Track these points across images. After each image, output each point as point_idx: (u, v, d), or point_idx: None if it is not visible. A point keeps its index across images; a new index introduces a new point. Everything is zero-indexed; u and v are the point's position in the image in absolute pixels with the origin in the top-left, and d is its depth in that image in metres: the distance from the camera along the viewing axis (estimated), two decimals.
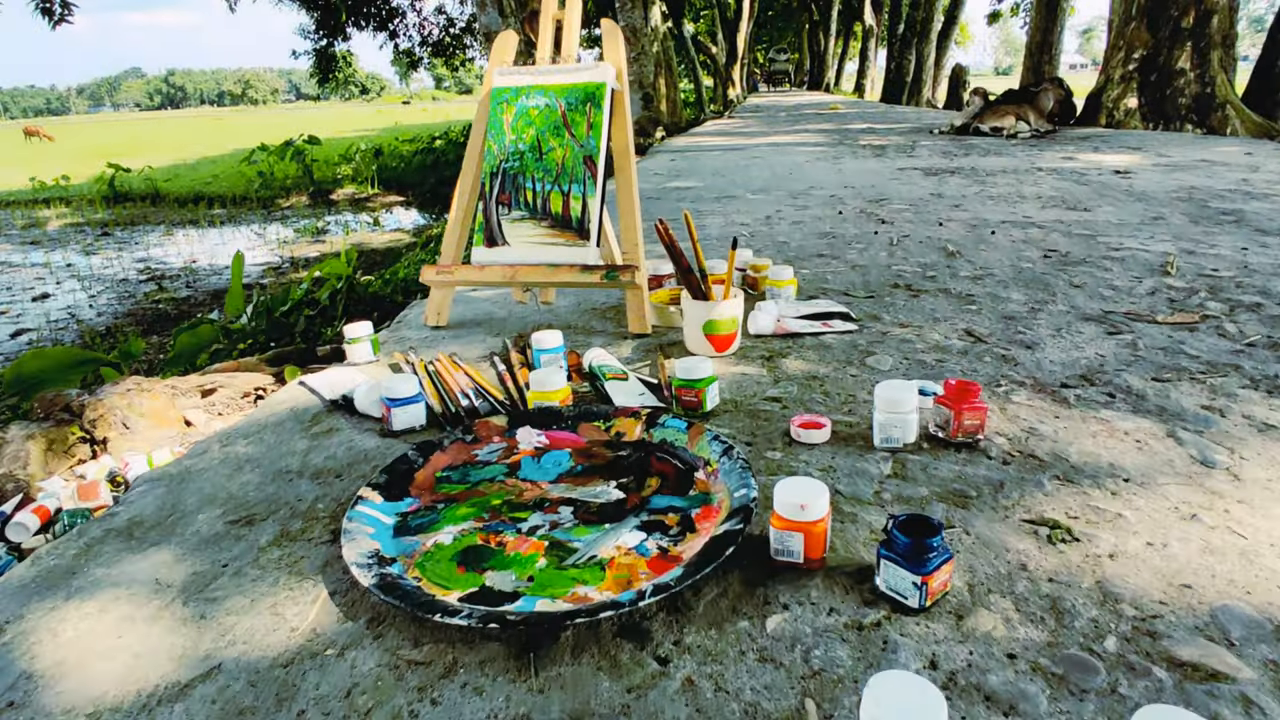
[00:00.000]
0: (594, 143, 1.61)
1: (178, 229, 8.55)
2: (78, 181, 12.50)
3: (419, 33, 20.25)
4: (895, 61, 20.33)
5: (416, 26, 20.17)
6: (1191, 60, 6.79)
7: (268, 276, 5.65)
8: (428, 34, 19.83)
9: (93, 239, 7.93)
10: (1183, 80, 6.81)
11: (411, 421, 1.18)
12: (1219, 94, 6.73)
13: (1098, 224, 2.60)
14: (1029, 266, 2.06)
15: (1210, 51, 6.74)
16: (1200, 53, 6.76)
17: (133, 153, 18.09)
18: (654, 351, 1.50)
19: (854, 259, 2.23)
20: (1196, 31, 6.74)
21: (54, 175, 12.57)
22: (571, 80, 1.66)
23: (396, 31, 19.92)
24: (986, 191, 3.39)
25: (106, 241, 7.76)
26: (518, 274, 1.63)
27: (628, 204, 1.63)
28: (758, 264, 1.85)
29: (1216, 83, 6.74)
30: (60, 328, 4.59)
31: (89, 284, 5.77)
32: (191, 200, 11.03)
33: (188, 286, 5.67)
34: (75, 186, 12.25)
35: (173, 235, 8.11)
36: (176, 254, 6.94)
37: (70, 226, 9.01)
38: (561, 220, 1.63)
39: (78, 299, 5.33)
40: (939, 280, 1.96)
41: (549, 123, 1.66)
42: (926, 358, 1.41)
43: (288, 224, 8.65)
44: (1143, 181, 3.52)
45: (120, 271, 6.24)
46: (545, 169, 1.65)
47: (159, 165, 14.57)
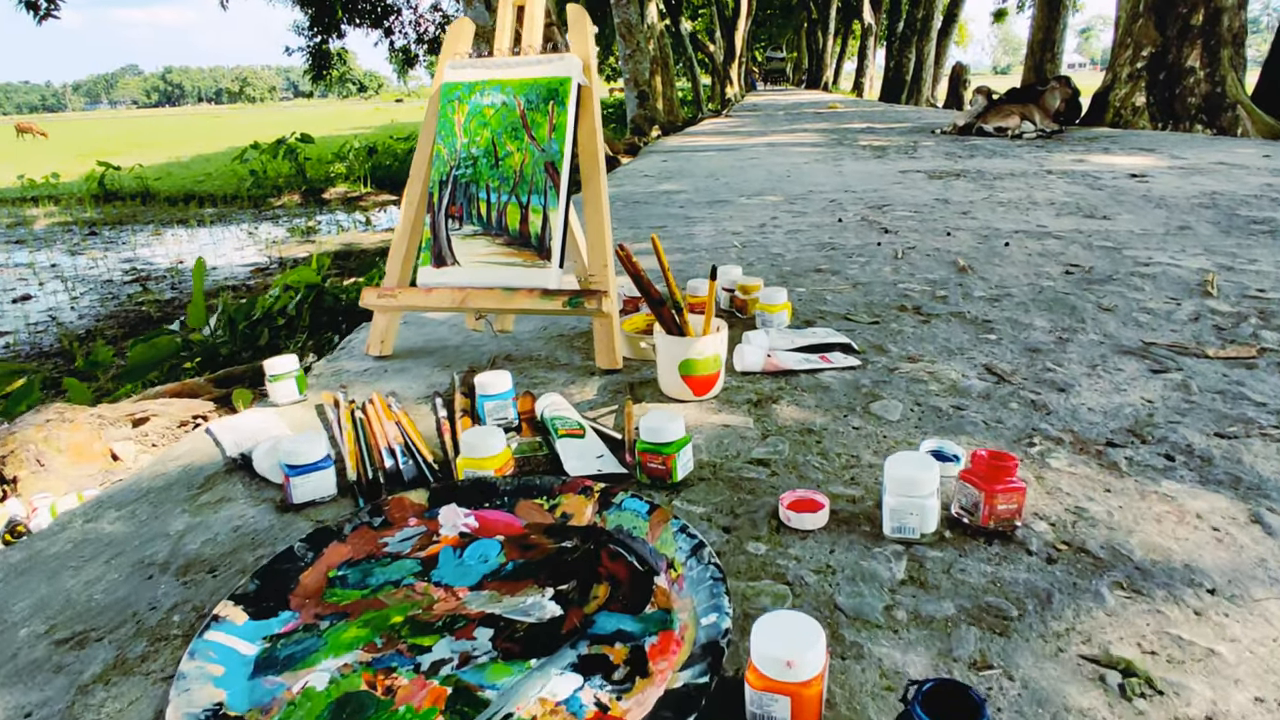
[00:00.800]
0: (557, 147, 1.39)
1: (167, 229, 8.41)
2: (68, 179, 12.29)
3: (414, 29, 20.04)
4: (895, 60, 20.12)
5: (412, 23, 19.95)
6: (1201, 59, 6.58)
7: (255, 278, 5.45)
8: (423, 31, 19.62)
9: (79, 238, 7.75)
10: (1192, 79, 6.60)
11: (316, 493, 0.96)
12: (1229, 93, 6.52)
13: (1119, 234, 2.39)
14: (1050, 285, 1.85)
15: (1220, 50, 6.53)
16: (1210, 51, 6.55)
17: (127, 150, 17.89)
18: (623, 393, 1.28)
19: (855, 274, 2.01)
20: (1206, 29, 6.53)
21: (44, 173, 12.35)
22: (532, 74, 1.44)
23: (391, 28, 19.70)
24: (995, 197, 3.18)
25: (93, 241, 7.59)
26: (468, 298, 1.41)
27: (596, 219, 1.41)
28: (747, 284, 1.63)
29: (1227, 82, 6.53)
30: (39, 330, 4.41)
31: (72, 285, 5.59)
32: (182, 199, 10.87)
33: (173, 288, 5.50)
34: (65, 184, 12.05)
35: (161, 235, 7.96)
36: (164, 254, 6.79)
37: (58, 226, 8.81)
38: (519, 237, 1.41)
39: (59, 300, 5.15)
40: (951, 301, 1.74)
41: (506, 123, 1.44)
42: (942, 402, 1.19)
43: (279, 223, 8.46)
44: (1161, 186, 3.31)
45: (105, 272, 6.08)
46: (501, 177, 1.43)
47: (154, 163, 14.40)
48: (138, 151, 18.01)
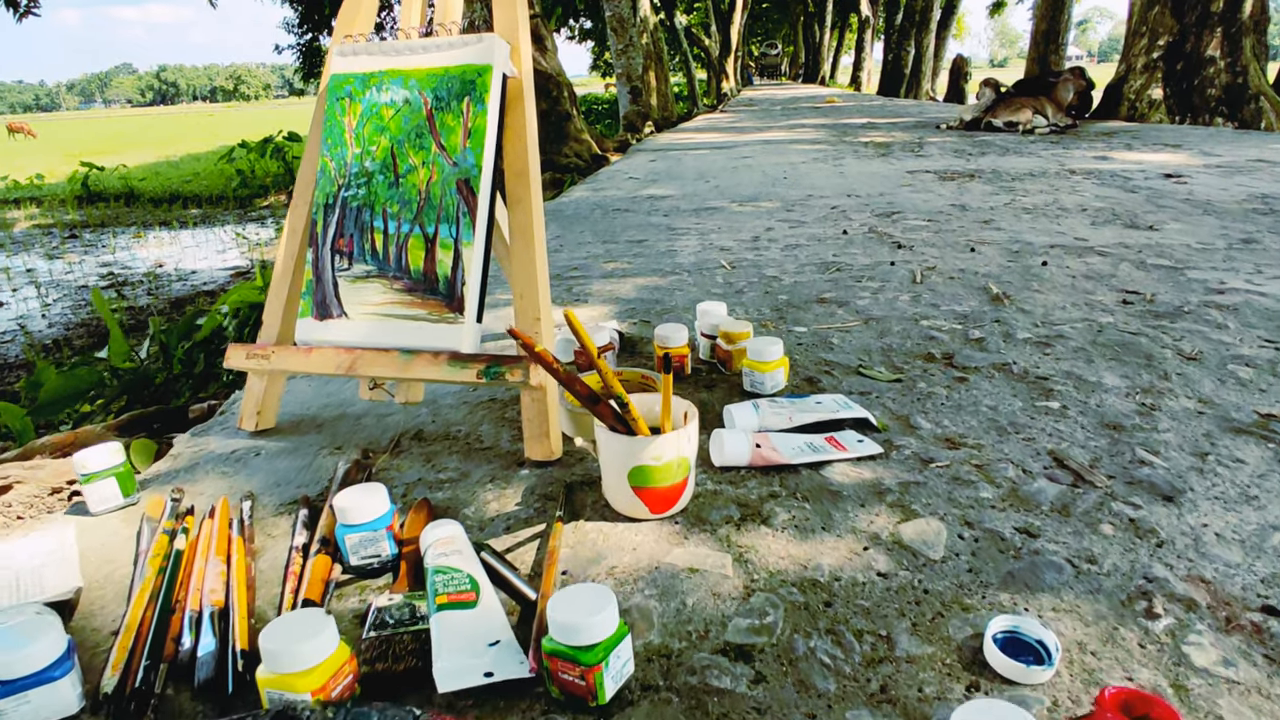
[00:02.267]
0: (474, 159, 1.04)
1: (149, 230, 8.19)
2: (53, 180, 11.98)
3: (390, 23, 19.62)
4: (893, 53, 19.73)
5: None
6: (1221, 48, 6.22)
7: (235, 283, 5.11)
8: None
9: (59, 242, 7.48)
10: (1212, 70, 6.24)
11: (43, 714, 0.61)
12: (1252, 84, 6.16)
13: (1173, 249, 2.03)
14: (1109, 321, 1.49)
15: (1242, 38, 6.17)
16: (1231, 39, 6.19)
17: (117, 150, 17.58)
18: (557, 501, 0.93)
19: (867, 305, 1.65)
20: (1227, 16, 6.16)
21: (29, 174, 12.02)
22: (442, 62, 1.08)
23: (383, 24, 19.32)
24: (1018, 202, 2.82)
25: (73, 244, 7.33)
26: (358, 363, 1.06)
27: (526, 258, 1.05)
28: (733, 330, 1.28)
29: (1249, 72, 6.17)
30: (5, 340, 4.12)
31: (46, 291, 5.29)
32: (167, 200, 10.61)
33: (149, 294, 5.24)
34: (49, 186, 11.75)
35: (143, 237, 7.74)
36: (144, 258, 6.52)
37: (38, 228, 8.50)
38: (424, 281, 1.05)
39: (31, 308, 4.86)
40: (990, 345, 1.39)
41: (409, 128, 1.09)
42: (1001, 522, 0.84)
43: (266, 224, 8.14)
44: (1202, 188, 2.95)
45: (82, 277, 5.83)
46: (403, 199, 1.08)
47: (143, 163, 14.13)
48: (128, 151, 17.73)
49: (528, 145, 1.06)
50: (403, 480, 1.01)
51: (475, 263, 1.03)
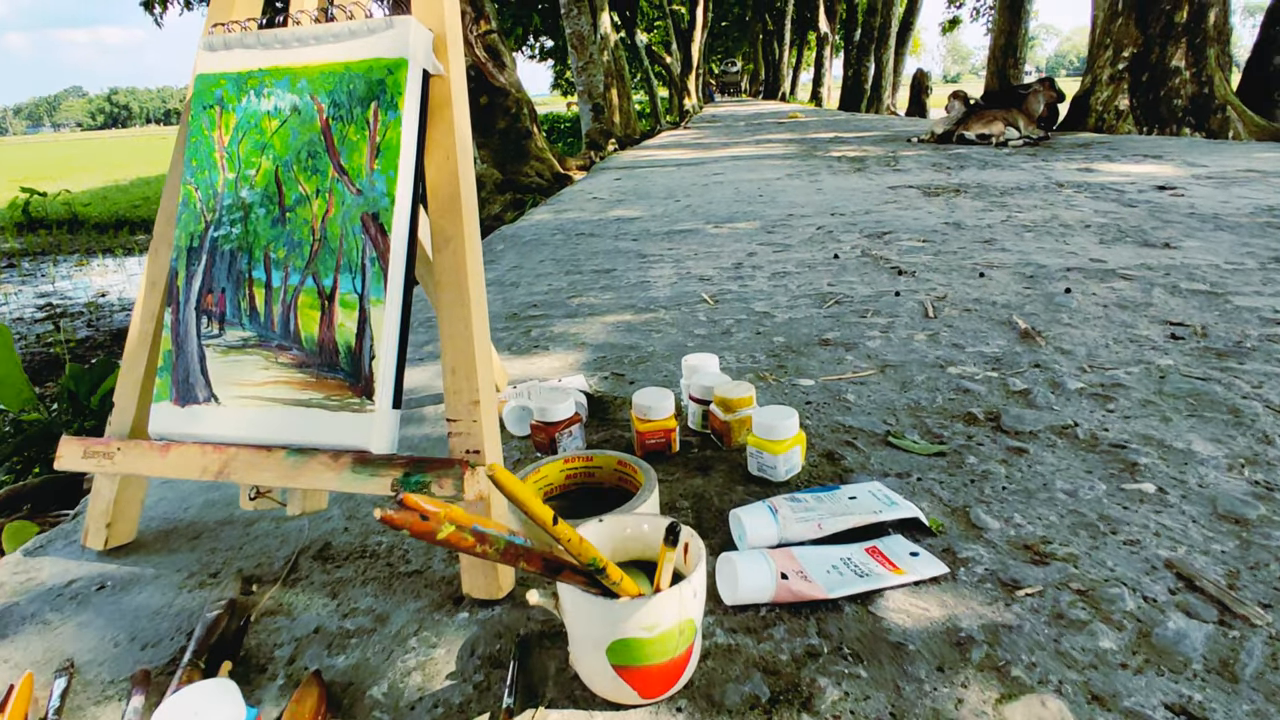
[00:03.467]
0: (384, 185, 0.76)
1: (93, 258, 7.81)
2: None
3: None
4: (853, 69, 19.89)
5: None
6: (1186, 58, 6.20)
7: None
8: None
9: None
10: (1178, 80, 6.21)
11: None
12: (1218, 94, 6.14)
13: (1202, 270, 1.83)
14: (1168, 364, 1.26)
15: (1206, 48, 6.15)
16: (1196, 50, 6.17)
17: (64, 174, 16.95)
18: (507, 672, 0.65)
19: (878, 348, 1.41)
20: (1191, 27, 6.15)
21: None
22: (342, 56, 0.81)
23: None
24: (1015, 218, 2.62)
25: (9, 274, 6.93)
26: (232, 465, 0.77)
27: (457, 315, 0.78)
28: (731, 397, 1.01)
29: (1215, 82, 6.15)
30: None
31: None
32: (113, 225, 10.18)
33: (89, 325, 4.91)
34: None
35: (86, 265, 7.38)
36: (85, 287, 6.17)
37: None
38: (321, 353, 0.77)
39: None
40: (1038, 399, 1.14)
41: (298, 144, 0.81)
42: (1145, 697, 0.58)
43: None
44: (1202, 200, 2.79)
45: (17, 309, 5.45)
46: (291, 241, 0.80)
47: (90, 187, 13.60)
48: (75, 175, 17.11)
49: (458, 166, 0.79)
50: (293, 633, 0.72)
51: (389, 327, 0.75)
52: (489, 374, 0.78)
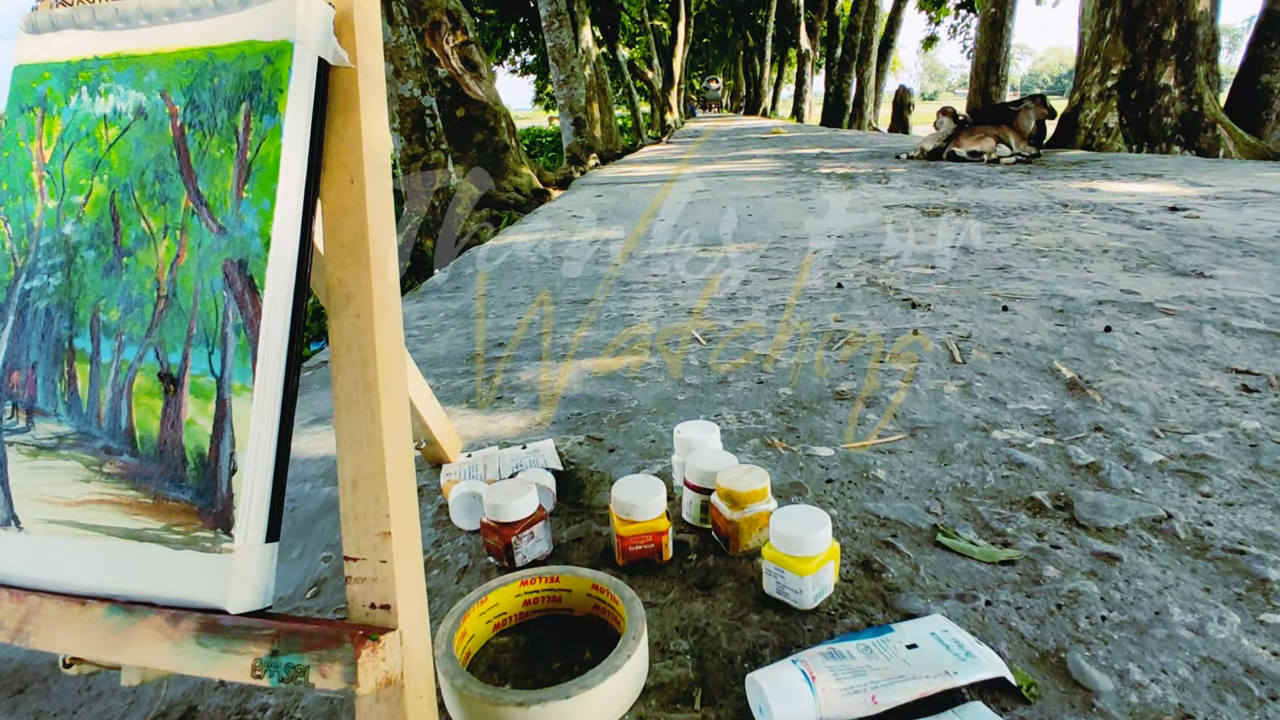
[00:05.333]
0: (256, 221, 0.53)
1: None
2: None
3: None
4: (835, 85, 19.93)
5: None
6: (1175, 76, 6.11)
7: None
8: None
9: None
10: (1167, 98, 6.13)
11: None
12: (1208, 112, 6.06)
13: (1249, 304, 1.64)
14: (1254, 426, 1.06)
15: (1196, 66, 6.07)
16: (1185, 67, 6.09)
17: None
18: None
19: (906, 403, 1.19)
20: (1180, 45, 6.07)
21: None
22: (203, 39, 0.58)
23: None
24: (1026, 242, 2.43)
25: None
26: (34, 620, 0.53)
27: (361, 407, 0.54)
28: (739, 490, 0.78)
29: (1204, 100, 6.07)
30: None
31: None
32: None
33: None
34: None
35: None
36: None
37: None
38: (161, 460, 0.54)
39: None
40: (1111, 477, 0.93)
41: (142, 162, 0.58)
42: None
43: None
44: (1219, 223, 2.62)
45: None
46: (127, 298, 0.56)
47: None
48: None
49: (366, 194, 0.56)
50: None
51: (259, 426, 0.52)
52: (408, 488, 0.55)
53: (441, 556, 0.84)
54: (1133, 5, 6.18)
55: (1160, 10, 6.06)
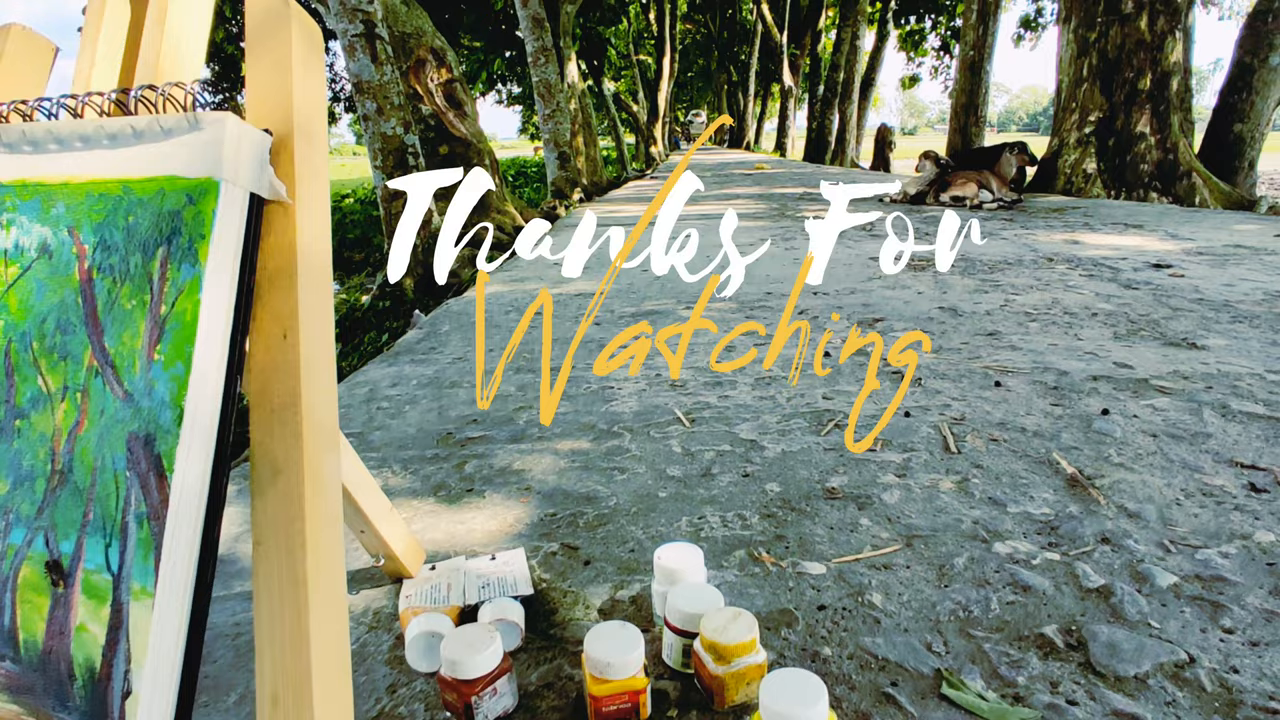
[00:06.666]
0: (168, 390, 0.46)
1: None
2: None
3: (330, 89, 19.22)
4: (817, 122, 20.21)
5: (329, 82, 19.11)
6: (1151, 124, 6.21)
7: None
8: (340, 88, 18.84)
9: None
10: (1143, 145, 6.22)
11: None
12: (1182, 161, 6.15)
13: (1245, 381, 1.60)
14: (1269, 539, 1.00)
15: (1170, 115, 6.18)
16: (1160, 117, 6.19)
17: None
18: None
19: (898, 504, 1.12)
20: (1155, 95, 6.18)
21: None
22: (120, 170, 0.50)
23: None
24: (1014, 303, 2.39)
25: None
26: None
27: (286, 606, 0.46)
28: (724, 642, 0.70)
29: (1179, 149, 6.17)
30: None
31: None
32: None
33: None
34: None
35: None
36: None
37: None
38: (45, 671, 0.45)
39: None
40: (1125, 604, 0.86)
41: (44, 307, 0.50)
42: None
43: None
44: (1203, 282, 2.60)
45: None
46: (18, 468, 0.48)
47: None
48: None
49: (300, 354, 0.49)
50: None
51: (160, 639, 0.44)
52: (340, 703, 0.47)
53: (395, 707, 0.75)
54: (1109, 56, 6.30)
55: (1135, 61, 6.17)
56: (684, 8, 29.99)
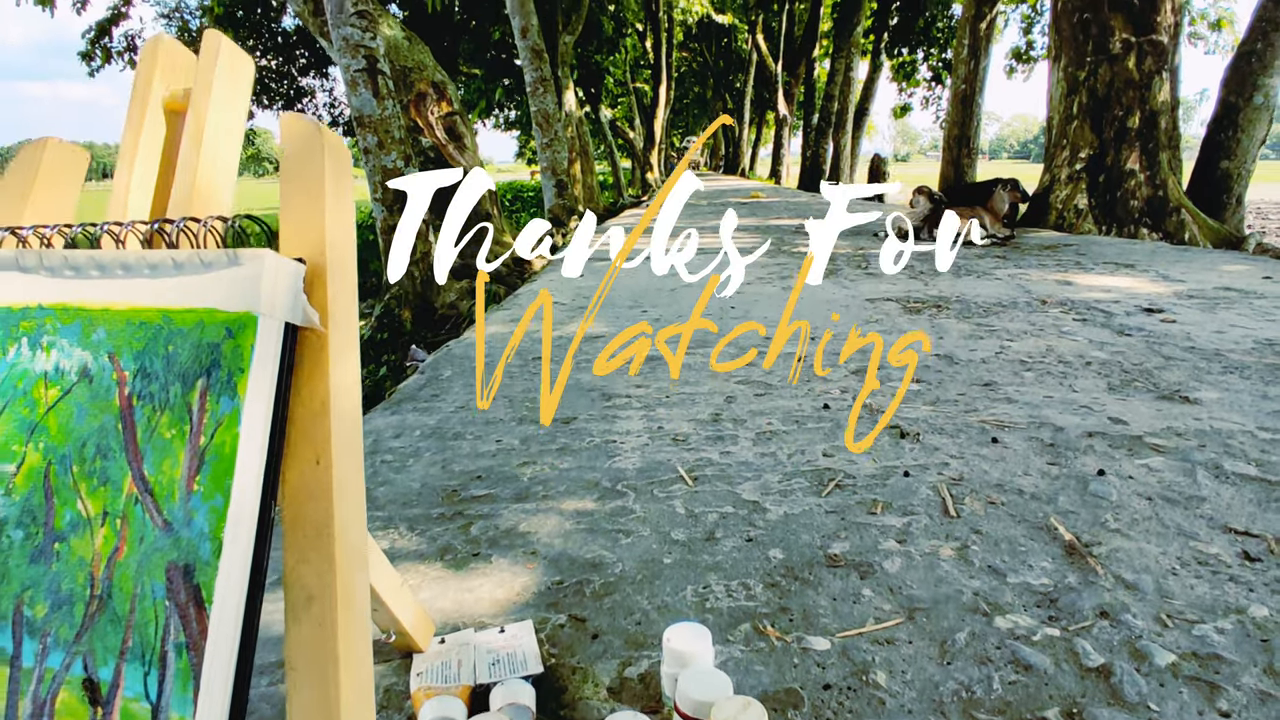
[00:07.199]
0: (207, 521, 0.47)
1: None
2: None
3: (329, 112, 19.39)
4: (811, 150, 20.45)
5: (327, 106, 19.27)
6: (1140, 162, 6.32)
7: None
8: (339, 113, 19.03)
9: None
10: (1133, 182, 6.32)
11: None
12: (1172, 198, 6.25)
13: (1236, 440, 1.62)
14: (1262, 614, 1.02)
15: (1159, 153, 6.29)
16: (1149, 154, 6.30)
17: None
18: None
19: (899, 573, 1.14)
20: (1144, 133, 6.30)
21: None
22: (160, 299, 0.53)
23: (305, 110, 19.07)
24: (1009, 349, 2.43)
25: None
26: None
27: None
28: None
29: (1168, 186, 6.27)
30: None
31: None
32: None
33: None
34: None
35: None
36: None
37: None
38: None
39: None
40: (1125, 685, 0.88)
41: (84, 431, 0.52)
42: None
43: None
44: (1195, 329, 2.65)
45: None
46: (56, 592, 0.50)
47: None
48: None
49: (333, 478, 0.51)
50: None
51: None
52: None
53: None
54: (1098, 94, 6.42)
55: (1124, 100, 6.29)
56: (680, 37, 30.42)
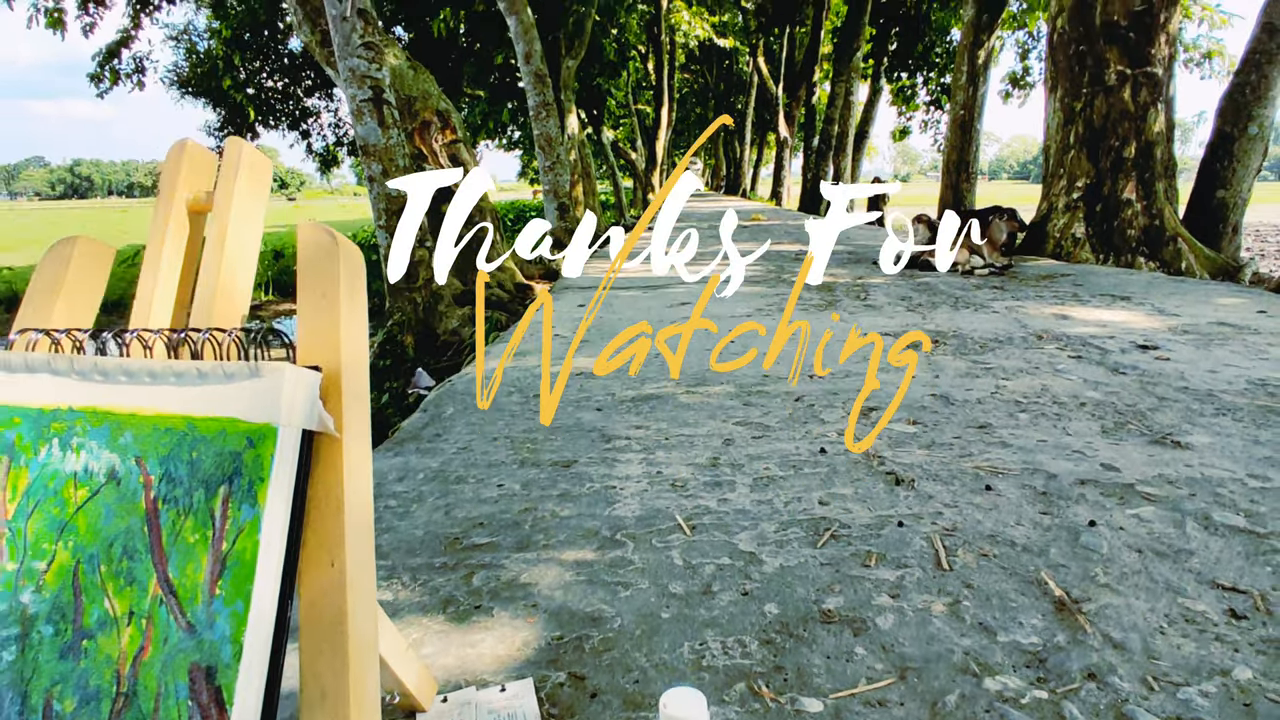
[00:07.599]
0: (229, 624, 0.51)
1: None
2: None
3: (334, 132, 19.55)
4: (812, 173, 20.62)
5: (331, 126, 19.45)
6: (1137, 191, 6.39)
7: None
8: (343, 133, 19.19)
9: None
10: (1130, 212, 6.38)
11: None
12: (1168, 227, 6.31)
13: (1227, 488, 1.65)
14: (1246, 677, 1.04)
15: (1155, 182, 6.36)
16: (1145, 184, 6.37)
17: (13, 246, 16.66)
18: None
19: (892, 630, 1.16)
20: (1140, 163, 6.37)
21: None
22: (183, 407, 0.56)
23: (309, 130, 19.24)
24: (1004, 388, 2.46)
25: None
26: None
27: None
28: None
29: (1165, 215, 6.33)
30: None
31: None
32: None
33: None
34: None
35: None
36: None
37: None
38: None
39: None
40: None
41: (112, 532, 0.55)
42: None
43: None
44: (1188, 367, 2.68)
45: None
46: (83, 687, 0.53)
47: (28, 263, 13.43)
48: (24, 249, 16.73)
49: (347, 580, 0.54)
50: None
51: None
52: None
53: None
54: (1094, 124, 6.50)
55: (1120, 131, 6.37)
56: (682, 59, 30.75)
